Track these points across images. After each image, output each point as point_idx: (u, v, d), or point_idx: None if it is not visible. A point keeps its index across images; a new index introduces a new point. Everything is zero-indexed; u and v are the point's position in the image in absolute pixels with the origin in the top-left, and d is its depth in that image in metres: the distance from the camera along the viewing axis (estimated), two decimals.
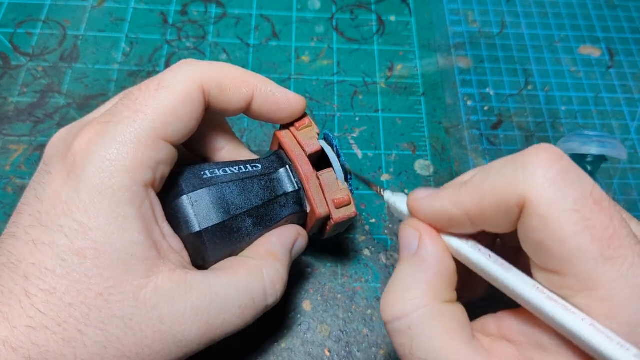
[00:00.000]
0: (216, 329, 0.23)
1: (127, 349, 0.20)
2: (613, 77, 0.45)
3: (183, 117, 0.23)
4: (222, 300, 0.23)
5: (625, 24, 0.49)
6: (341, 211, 0.27)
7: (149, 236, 0.21)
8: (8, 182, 0.36)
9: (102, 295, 0.20)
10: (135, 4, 0.46)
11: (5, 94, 0.40)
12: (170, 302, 0.21)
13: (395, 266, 0.22)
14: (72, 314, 0.20)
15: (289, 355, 0.31)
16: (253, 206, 0.26)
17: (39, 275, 0.20)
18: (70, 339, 0.20)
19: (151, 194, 0.22)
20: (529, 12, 0.49)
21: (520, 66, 0.46)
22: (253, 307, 0.24)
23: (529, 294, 0.19)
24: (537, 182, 0.17)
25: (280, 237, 0.27)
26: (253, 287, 0.24)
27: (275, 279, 0.25)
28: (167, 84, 0.23)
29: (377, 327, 0.32)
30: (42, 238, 0.20)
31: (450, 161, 0.40)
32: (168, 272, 0.22)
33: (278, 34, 0.46)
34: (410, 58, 0.45)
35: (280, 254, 0.26)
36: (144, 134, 0.21)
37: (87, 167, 0.21)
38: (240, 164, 0.27)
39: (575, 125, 0.42)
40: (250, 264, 0.25)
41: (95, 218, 0.20)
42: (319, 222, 0.28)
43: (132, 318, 0.20)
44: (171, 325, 0.21)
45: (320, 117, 0.41)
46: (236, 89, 0.25)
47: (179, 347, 0.22)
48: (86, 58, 0.43)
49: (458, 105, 0.43)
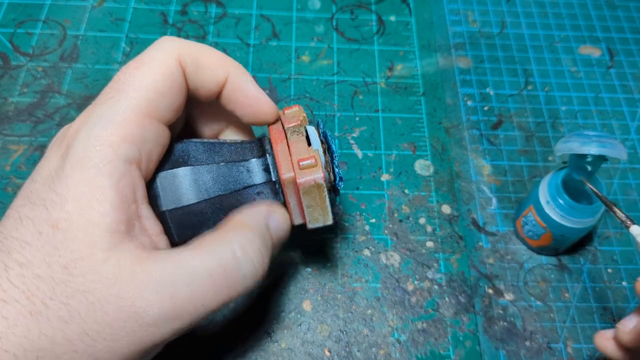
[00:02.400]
0: (183, 303, 0.21)
1: (88, 326, 0.20)
2: (613, 77, 0.45)
3: (166, 92, 0.23)
4: (187, 271, 0.21)
5: (625, 24, 0.49)
6: (305, 172, 0.25)
7: (121, 211, 0.21)
8: (8, 182, 0.36)
9: (67, 268, 0.20)
10: (135, 4, 0.46)
11: (5, 94, 0.40)
12: (131, 277, 0.20)
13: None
14: (40, 287, 0.19)
15: (289, 355, 0.31)
16: (226, 192, 0.25)
17: (18, 249, 0.20)
18: (36, 312, 0.19)
19: (135, 172, 0.22)
20: (529, 12, 0.49)
21: (520, 66, 0.46)
22: (224, 276, 0.22)
23: None
24: None
25: (252, 210, 0.25)
26: (222, 254, 0.22)
27: (247, 246, 0.23)
28: (145, 60, 0.23)
29: (377, 327, 0.32)
30: (27, 213, 0.20)
31: (450, 161, 0.40)
32: (133, 249, 0.21)
33: (278, 34, 0.46)
34: (410, 58, 0.45)
35: (251, 223, 0.24)
36: (128, 111, 0.22)
37: (74, 143, 0.21)
38: (223, 146, 0.26)
39: (575, 125, 0.42)
40: (217, 234, 0.23)
41: (73, 188, 0.20)
42: (292, 200, 0.26)
43: (93, 293, 0.20)
44: (132, 300, 0.20)
45: (320, 117, 0.41)
46: (211, 70, 0.24)
47: (142, 327, 0.20)
48: (86, 58, 0.43)
49: (458, 105, 0.43)
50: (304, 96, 0.42)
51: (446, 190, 0.38)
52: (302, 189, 0.25)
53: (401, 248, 0.35)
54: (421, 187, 0.38)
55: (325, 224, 0.26)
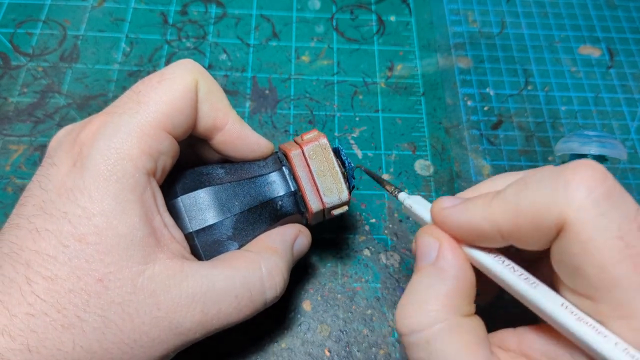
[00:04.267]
0: (212, 318, 0.22)
1: (125, 336, 0.20)
2: (613, 77, 0.45)
3: (183, 109, 0.23)
4: (217, 289, 0.22)
5: (625, 24, 0.49)
6: (310, 139, 0.27)
7: (149, 223, 0.22)
8: (8, 182, 0.36)
9: (102, 281, 0.20)
10: (135, 4, 0.46)
11: (5, 94, 0.40)
12: (167, 290, 0.21)
13: (412, 275, 0.21)
14: (72, 300, 0.20)
15: (289, 355, 0.31)
16: (247, 208, 0.26)
17: (41, 262, 0.20)
18: (70, 325, 0.20)
19: (153, 182, 0.23)
20: (529, 12, 0.49)
21: (520, 66, 0.46)
22: (250, 298, 0.24)
23: (557, 313, 0.17)
24: (580, 204, 0.16)
25: (281, 233, 0.27)
26: (250, 279, 0.24)
27: (273, 271, 0.25)
28: (167, 76, 0.24)
29: (377, 327, 0.32)
30: (46, 225, 0.20)
31: (450, 161, 0.40)
32: (165, 260, 0.22)
33: (278, 34, 0.46)
34: (410, 58, 0.45)
35: (279, 248, 0.26)
36: (146, 124, 0.22)
37: (93, 155, 0.21)
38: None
39: (575, 125, 0.42)
40: (247, 256, 0.25)
41: (99, 203, 0.21)
42: (304, 177, 0.27)
43: (130, 304, 0.20)
44: (167, 312, 0.21)
45: (320, 117, 0.41)
46: (214, 107, 0.25)
47: (175, 335, 0.22)
48: (86, 58, 0.43)
49: (458, 105, 0.43)
50: (304, 96, 0.42)
51: (446, 190, 0.38)
52: (306, 151, 0.26)
53: (401, 248, 0.35)
54: (421, 187, 0.38)
55: (340, 198, 0.27)
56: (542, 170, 0.18)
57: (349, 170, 0.28)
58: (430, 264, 0.21)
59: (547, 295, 0.18)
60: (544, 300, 0.18)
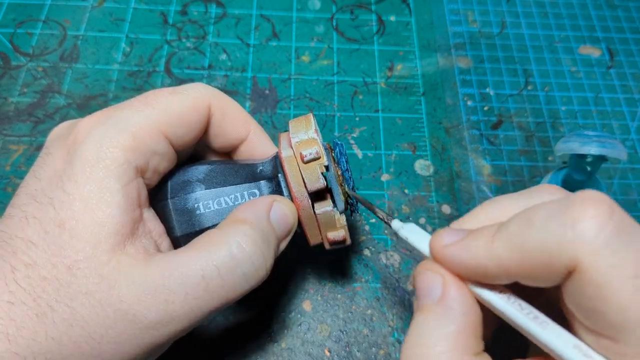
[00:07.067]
0: (178, 305, 0.21)
1: (92, 329, 0.20)
2: (613, 77, 0.45)
3: (188, 124, 0.24)
4: (182, 273, 0.21)
5: (625, 24, 0.49)
6: (334, 245, 0.27)
7: (127, 214, 0.21)
8: (8, 182, 0.36)
9: (71, 269, 0.20)
10: (135, 4, 0.46)
11: (5, 94, 0.40)
12: (130, 281, 0.20)
13: (414, 315, 0.20)
14: (46, 289, 0.19)
15: (289, 355, 0.31)
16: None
17: (24, 249, 0.20)
18: (42, 314, 0.19)
19: (139, 180, 0.22)
20: (529, 12, 0.49)
21: (520, 66, 0.46)
22: (219, 277, 0.21)
23: (569, 355, 0.17)
24: (591, 246, 0.16)
25: (250, 204, 0.24)
26: (215, 255, 0.22)
27: (243, 242, 0.22)
28: (180, 91, 0.24)
29: (377, 327, 0.32)
30: (34, 213, 0.20)
31: (450, 161, 0.40)
32: (133, 252, 0.21)
33: (278, 34, 0.46)
34: (410, 58, 0.45)
35: (249, 218, 0.23)
36: (147, 123, 0.22)
37: (87, 142, 0.21)
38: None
39: (575, 125, 0.42)
40: (213, 234, 0.23)
41: (82, 187, 0.20)
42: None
43: (95, 295, 0.20)
44: (130, 303, 0.20)
45: (320, 117, 0.41)
46: (234, 125, 0.27)
47: (142, 329, 0.20)
48: (86, 58, 0.43)
49: (458, 105, 0.43)
50: (304, 96, 0.42)
51: (446, 190, 0.38)
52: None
53: (401, 248, 0.35)
54: (421, 187, 0.38)
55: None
56: (548, 207, 0.17)
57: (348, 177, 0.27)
58: (434, 302, 0.19)
59: (559, 336, 0.17)
60: (556, 341, 0.17)
